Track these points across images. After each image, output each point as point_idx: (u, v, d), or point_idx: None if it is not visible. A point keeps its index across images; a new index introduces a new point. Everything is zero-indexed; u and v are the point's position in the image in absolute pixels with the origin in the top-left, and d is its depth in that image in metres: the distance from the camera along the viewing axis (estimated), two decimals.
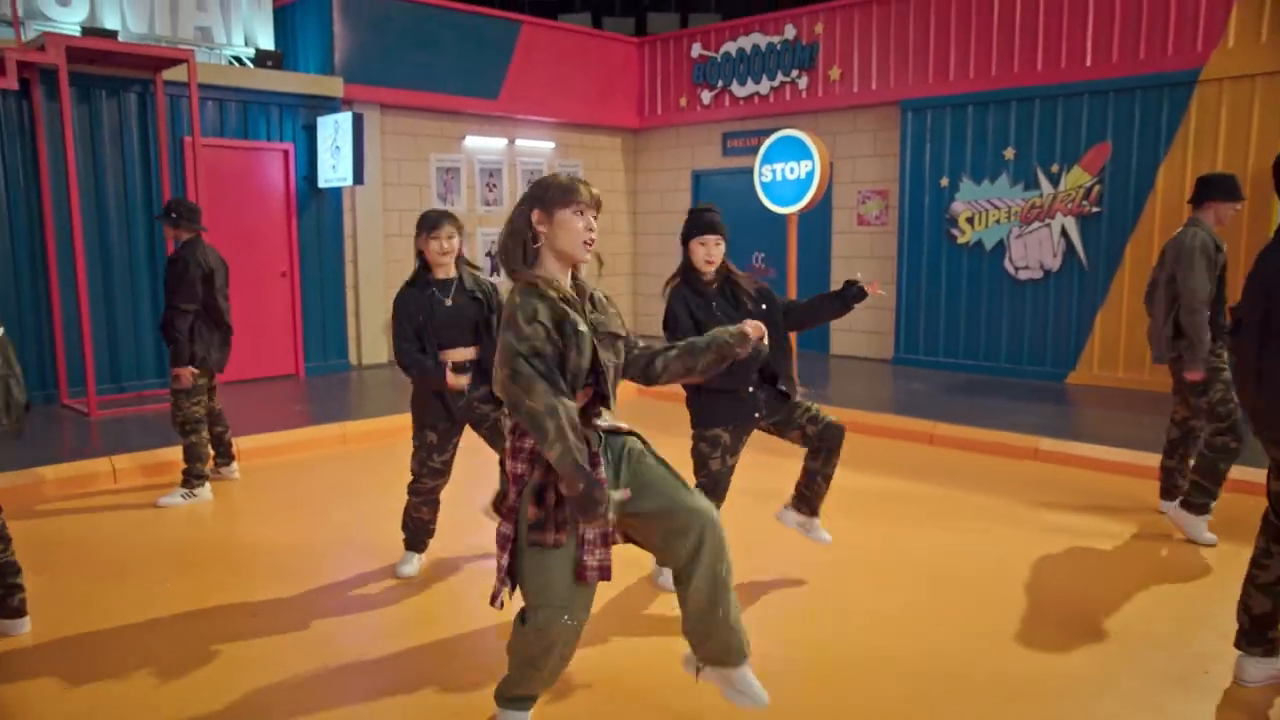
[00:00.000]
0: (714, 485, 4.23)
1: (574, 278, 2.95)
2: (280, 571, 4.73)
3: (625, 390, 5.08)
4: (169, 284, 5.87)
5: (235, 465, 6.54)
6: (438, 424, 4.46)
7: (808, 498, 4.49)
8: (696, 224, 4.16)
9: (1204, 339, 4.85)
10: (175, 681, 3.56)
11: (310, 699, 3.42)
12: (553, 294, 2.78)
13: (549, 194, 2.83)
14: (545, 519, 2.77)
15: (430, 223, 4.41)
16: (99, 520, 5.63)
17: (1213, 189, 5.06)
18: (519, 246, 2.85)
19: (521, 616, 2.85)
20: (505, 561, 2.85)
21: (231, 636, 3.96)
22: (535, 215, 2.83)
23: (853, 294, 4.21)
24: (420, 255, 4.49)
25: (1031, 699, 3.38)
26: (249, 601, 4.33)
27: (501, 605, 2.86)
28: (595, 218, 2.87)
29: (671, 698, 3.38)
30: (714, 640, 2.92)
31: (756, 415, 4.19)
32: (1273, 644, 3.43)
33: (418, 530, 4.68)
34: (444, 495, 4.69)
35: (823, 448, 4.33)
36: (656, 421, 5.45)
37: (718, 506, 3.70)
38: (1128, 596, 4.34)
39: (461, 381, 4.39)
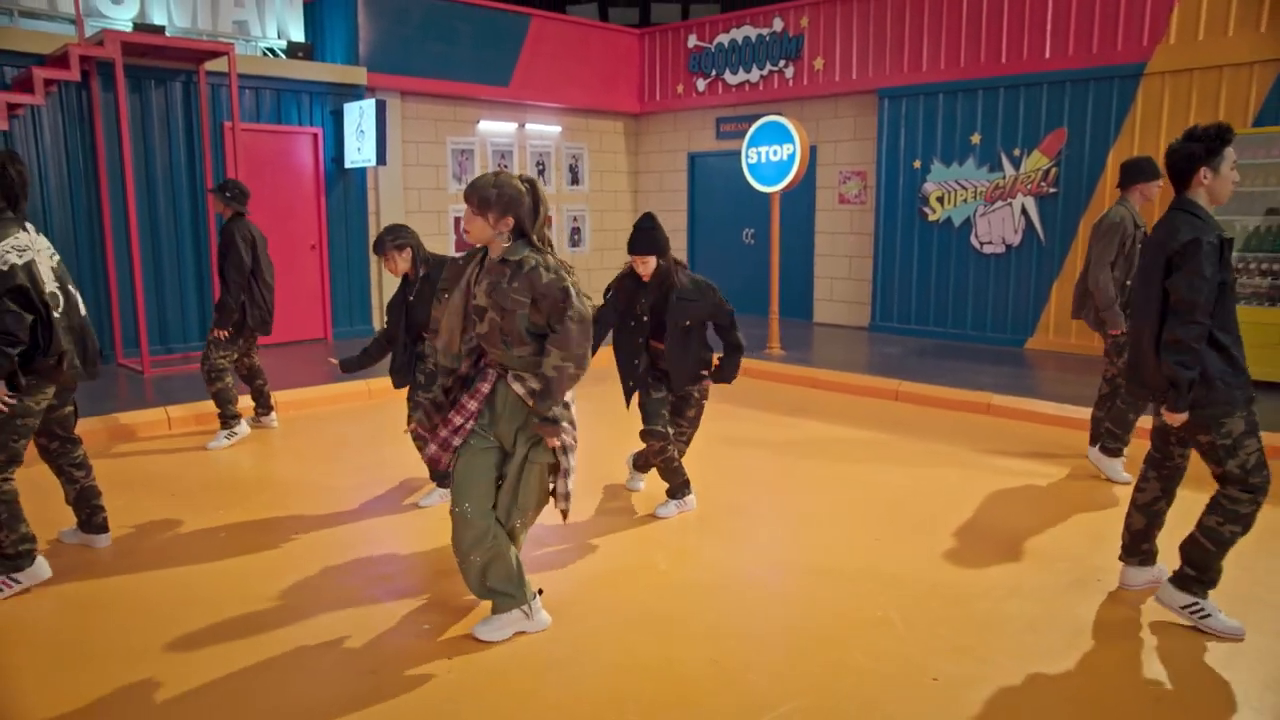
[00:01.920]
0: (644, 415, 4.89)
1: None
2: (315, 502, 5.22)
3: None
4: (221, 261, 6.35)
5: (274, 415, 7.01)
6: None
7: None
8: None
9: (1108, 297, 5.28)
10: (231, 583, 4.06)
11: (342, 597, 3.92)
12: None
13: None
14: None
15: (375, 248, 5.05)
16: (161, 459, 6.12)
17: (1134, 172, 5.46)
18: None
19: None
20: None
21: (275, 547, 4.46)
22: None
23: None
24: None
25: (952, 599, 3.86)
26: (287, 523, 4.83)
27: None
28: (469, 211, 3.35)
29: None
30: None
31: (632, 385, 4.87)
32: (1147, 554, 3.90)
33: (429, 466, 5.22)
34: None
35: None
36: None
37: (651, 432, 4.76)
38: (1046, 524, 4.82)
39: None
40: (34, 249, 3.83)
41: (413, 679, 3.23)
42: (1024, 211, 9.71)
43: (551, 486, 3.51)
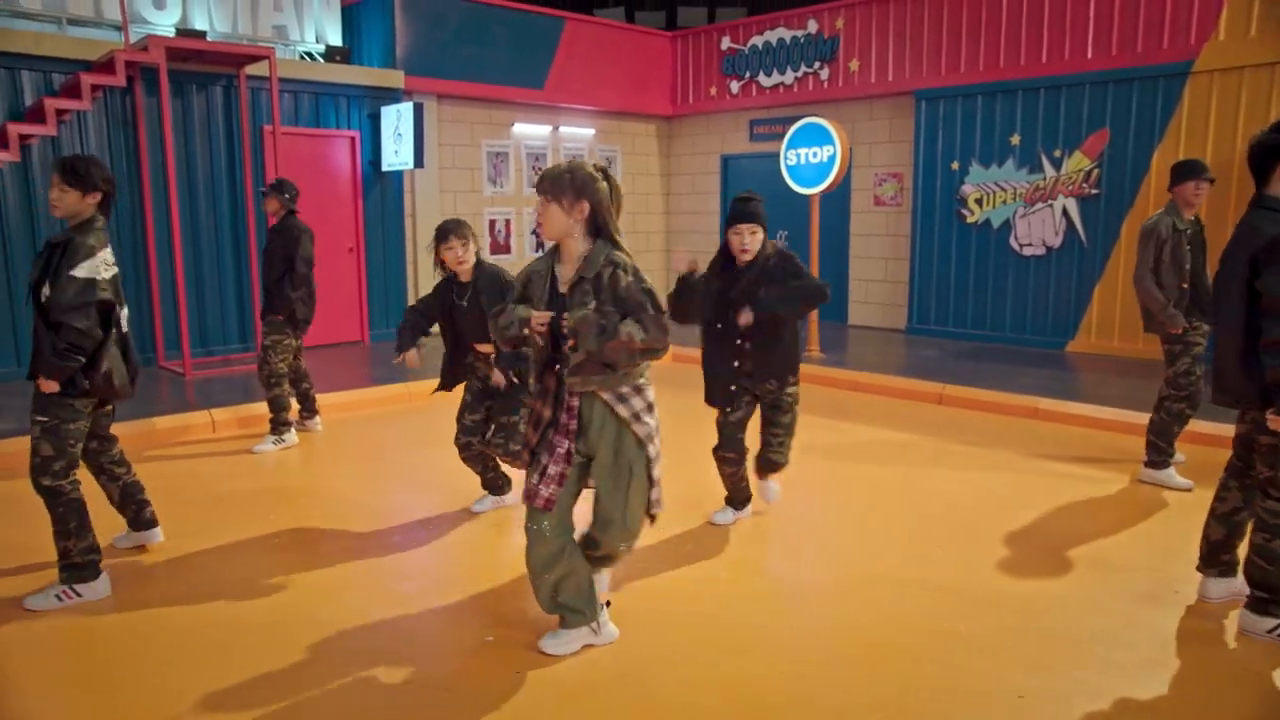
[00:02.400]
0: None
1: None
2: (365, 508, 5.14)
3: None
4: (283, 251, 6.28)
5: (319, 418, 6.95)
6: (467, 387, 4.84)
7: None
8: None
9: (1159, 301, 5.18)
10: (288, 595, 3.98)
11: (401, 609, 3.83)
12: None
13: None
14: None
15: (439, 234, 4.59)
16: (206, 463, 6.07)
17: (1171, 175, 5.37)
18: None
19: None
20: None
21: (329, 556, 4.37)
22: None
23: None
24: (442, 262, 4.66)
25: (1022, 612, 3.71)
26: (339, 531, 4.75)
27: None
28: (543, 201, 3.25)
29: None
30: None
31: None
32: (1228, 565, 3.75)
33: (482, 480, 5.04)
34: None
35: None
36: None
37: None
38: (1110, 532, 4.66)
39: (499, 379, 4.56)
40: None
41: (486, 696, 3.12)
42: (1065, 213, 9.53)
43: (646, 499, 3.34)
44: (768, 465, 4.59)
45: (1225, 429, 6.06)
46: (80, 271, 3.66)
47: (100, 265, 3.72)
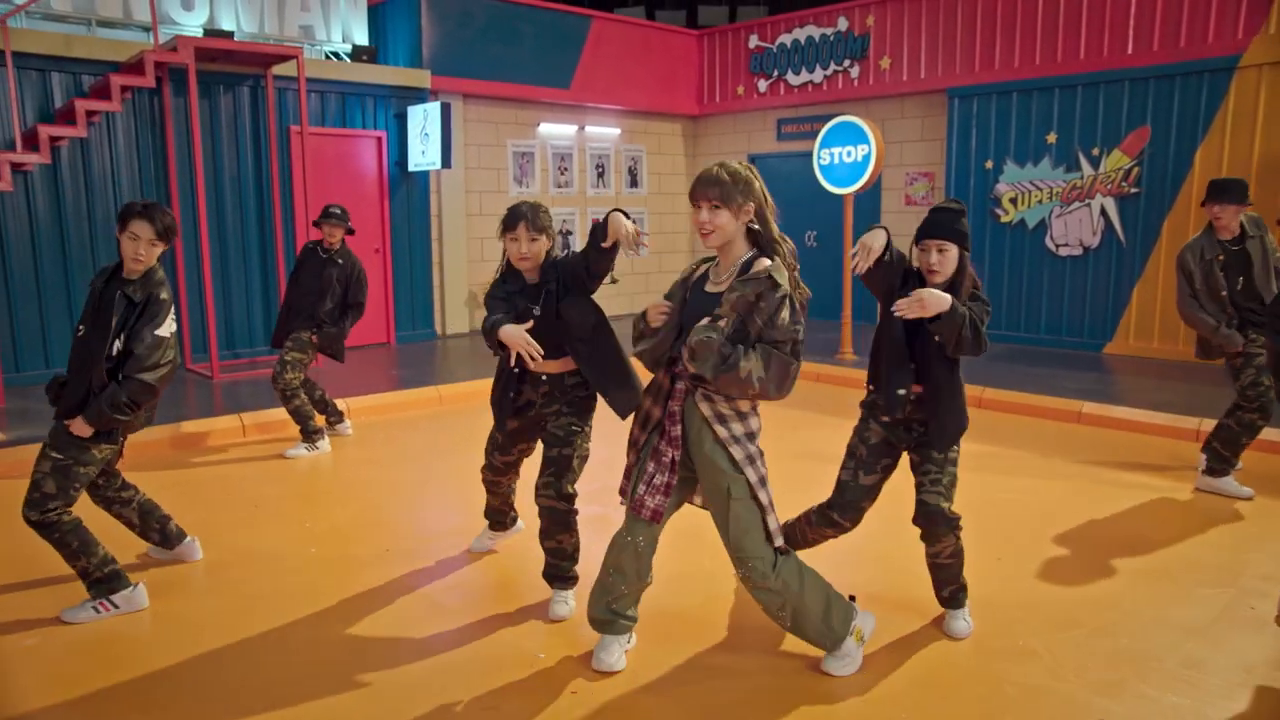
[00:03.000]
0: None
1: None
2: (400, 516, 5.02)
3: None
4: (343, 281, 6.22)
5: (348, 422, 6.84)
6: (501, 423, 3.89)
7: None
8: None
9: (1209, 326, 5.12)
10: (329, 611, 3.86)
11: (444, 624, 3.70)
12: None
13: None
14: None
15: (505, 223, 3.63)
16: (237, 468, 5.97)
17: (1206, 195, 5.25)
18: None
19: None
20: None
21: (367, 566, 4.25)
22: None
23: None
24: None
25: (1094, 629, 3.55)
26: (379, 540, 4.62)
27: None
28: (708, 206, 2.95)
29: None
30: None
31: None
32: None
33: (488, 507, 4.37)
34: None
35: None
36: None
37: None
38: (1172, 542, 4.49)
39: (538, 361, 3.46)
40: None
41: (535, 717, 2.99)
42: (1103, 212, 9.32)
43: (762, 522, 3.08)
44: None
45: None
46: (163, 330, 3.64)
47: (171, 321, 3.69)
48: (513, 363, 3.53)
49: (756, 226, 2.98)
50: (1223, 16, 8.51)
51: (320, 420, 6.65)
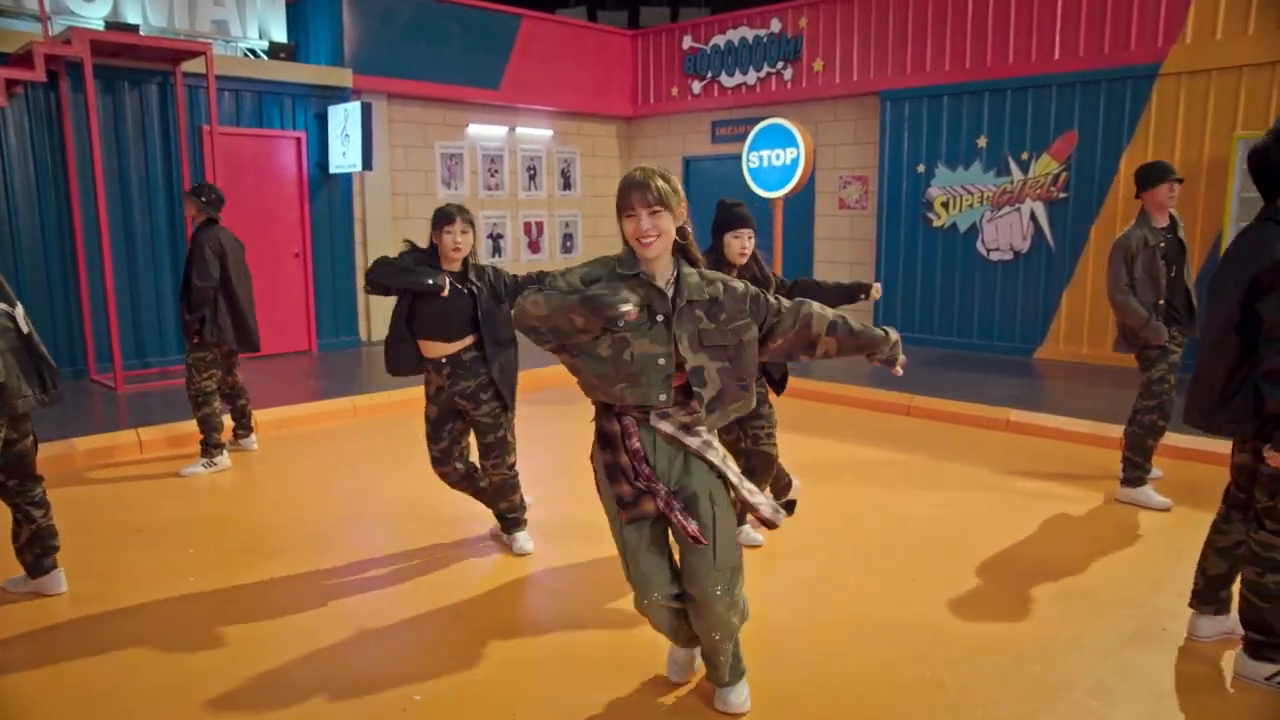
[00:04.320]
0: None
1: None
2: (296, 540, 4.73)
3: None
4: (189, 263, 5.85)
5: (254, 437, 6.52)
6: (431, 405, 4.26)
7: None
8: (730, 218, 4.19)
9: (1135, 315, 4.95)
10: (198, 649, 3.57)
11: (327, 664, 3.44)
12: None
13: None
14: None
15: (443, 217, 4.11)
16: (127, 488, 5.62)
17: (1140, 181, 5.09)
18: None
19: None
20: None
21: (250, 603, 3.97)
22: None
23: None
24: (434, 245, 4.17)
25: (1007, 656, 3.40)
26: (267, 569, 4.34)
27: None
28: (648, 212, 2.64)
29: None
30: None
31: None
32: (1224, 603, 3.47)
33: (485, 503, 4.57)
34: None
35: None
36: None
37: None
38: (1089, 559, 4.38)
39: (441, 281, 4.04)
40: None
41: None
42: (1033, 217, 9.31)
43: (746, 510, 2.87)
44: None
45: (1202, 444, 5.88)
46: None
47: None
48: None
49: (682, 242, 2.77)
50: (1143, 25, 8.53)
51: (228, 433, 6.34)
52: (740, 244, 4.16)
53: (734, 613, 2.82)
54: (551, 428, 7.00)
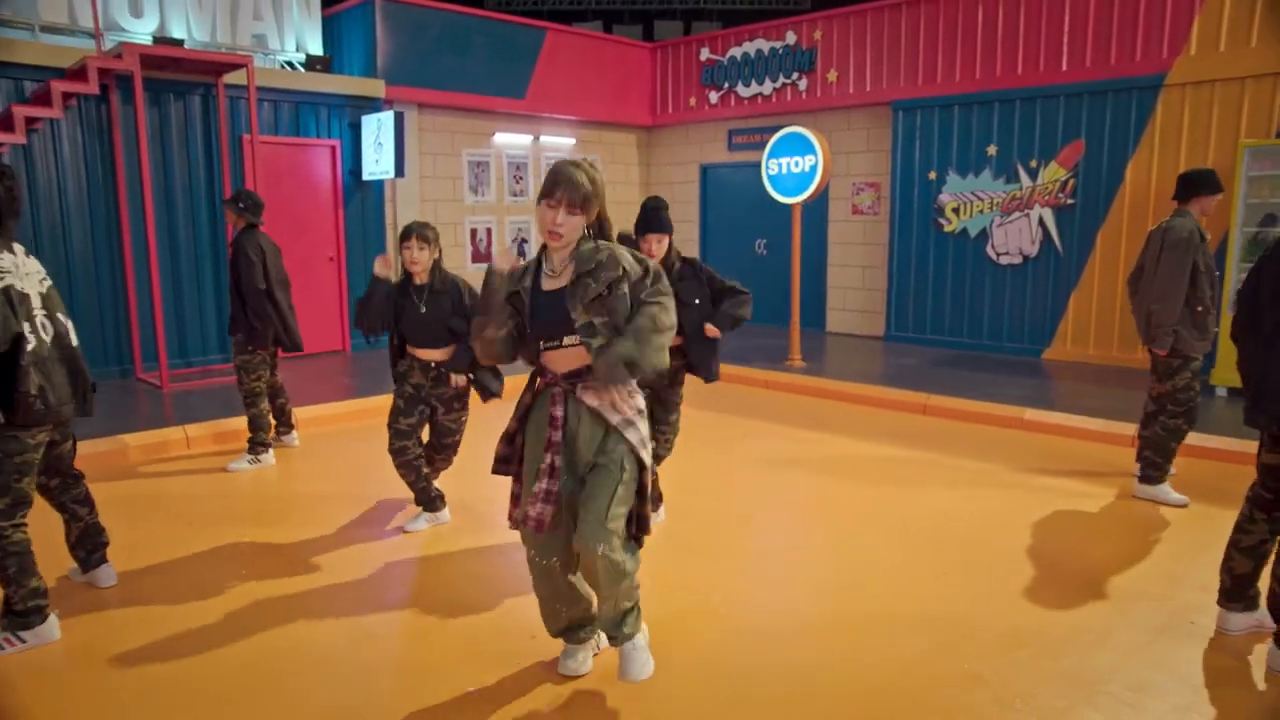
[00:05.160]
0: None
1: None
2: (339, 535, 4.72)
3: None
4: (233, 267, 5.83)
5: (295, 434, 6.51)
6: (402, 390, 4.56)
7: None
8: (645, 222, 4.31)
9: (1172, 316, 4.73)
10: (243, 641, 3.56)
11: (365, 640, 3.42)
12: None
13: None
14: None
15: (402, 233, 4.42)
16: (176, 483, 5.61)
17: (1197, 184, 4.93)
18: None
19: None
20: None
21: (298, 586, 3.96)
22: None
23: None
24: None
25: (1038, 650, 3.36)
26: (312, 562, 4.33)
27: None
28: (565, 209, 2.76)
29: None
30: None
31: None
32: (1252, 599, 3.42)
33: (414, 491, 4.73)
34: None
35: None
36: None
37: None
38: (1112, 554, 4.33)
39: (459, 379, 4.50)
40: (18, 272, 3.30)
41: None
42: (1041, 223, 9.23)
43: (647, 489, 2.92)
44: None
45: (1216, 442, 5.82)
46: None
47: None
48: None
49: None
50: (1149, 37, 8.45)
51: (271, 432, 6.34)
52: (648, 247, 4.28)
53: (613, 569, 2.81)
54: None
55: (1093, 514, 4.96)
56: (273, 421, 6.37)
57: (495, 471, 3.04)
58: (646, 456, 2.85)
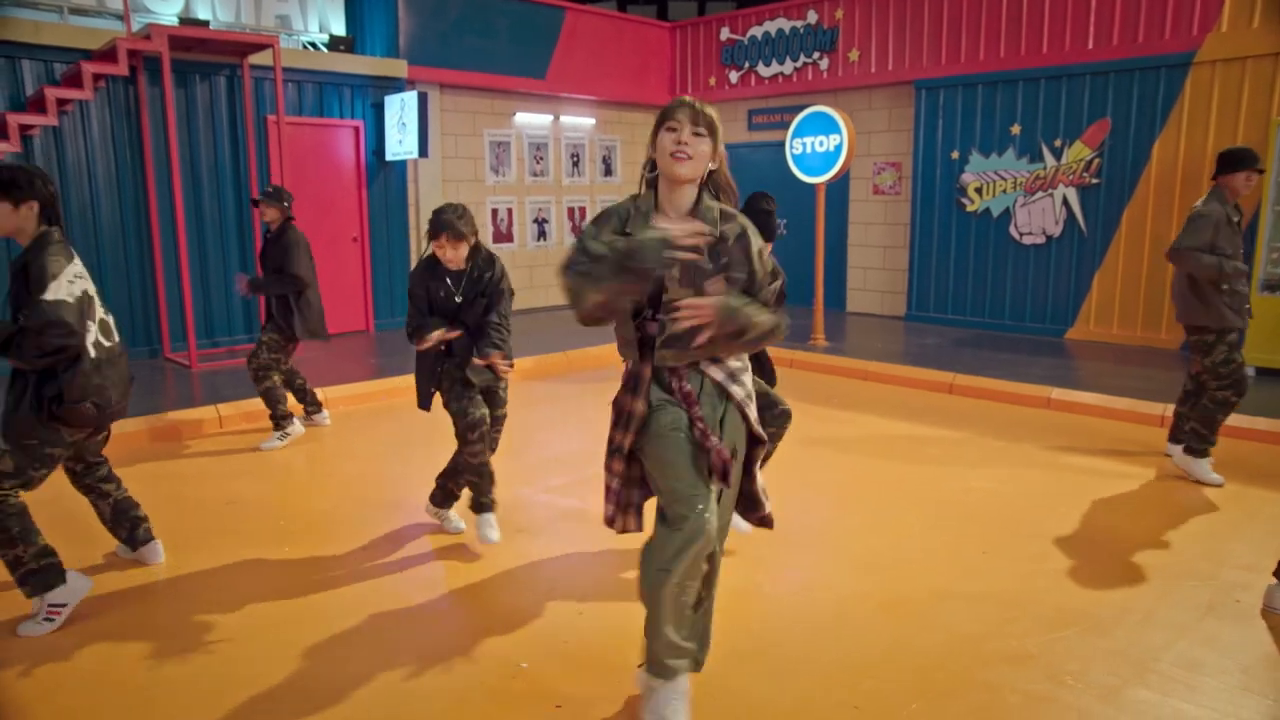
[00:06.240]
0: None
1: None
2: (376, 515, 4.71)
3: None
4: (282, 261, 5.78)
5: (326, 412, 6.49)
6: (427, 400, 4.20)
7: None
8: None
9: (1205, 268, 4.72)
10: (289, 614, 3.56)
11: (429, 628, 3.41)
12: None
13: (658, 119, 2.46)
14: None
15: (430, 229, 3.93)
16: (212, 462, 5.61)
17: (1220, 163, 4.91)
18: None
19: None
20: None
21: (337, 566, 3.95)
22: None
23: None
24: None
25: (1087, 628, 3.32)
26: (352, 540, 4.32)
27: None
28: (692, 130, 2.38)
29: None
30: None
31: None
32: None
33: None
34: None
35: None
36: None
37: None
38: (1152, 533, 4.29)
39: (503, 365, 3.99)
40: (87, 275, 3.29)
41: None
42: (1065, 202, 9.13)
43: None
44: None
45: (1253, 422, 5.75)
46: (50, 295, 3.13)
47: (65, 284, 3.18)
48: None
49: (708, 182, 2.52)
50: (1179, 14, 8.31)
51: (299, 409, 6.33)
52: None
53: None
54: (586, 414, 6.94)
55: (1129, 493, 4.91)
56: (299, 406, 6.35)
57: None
58: (760, 430, 2.62)
